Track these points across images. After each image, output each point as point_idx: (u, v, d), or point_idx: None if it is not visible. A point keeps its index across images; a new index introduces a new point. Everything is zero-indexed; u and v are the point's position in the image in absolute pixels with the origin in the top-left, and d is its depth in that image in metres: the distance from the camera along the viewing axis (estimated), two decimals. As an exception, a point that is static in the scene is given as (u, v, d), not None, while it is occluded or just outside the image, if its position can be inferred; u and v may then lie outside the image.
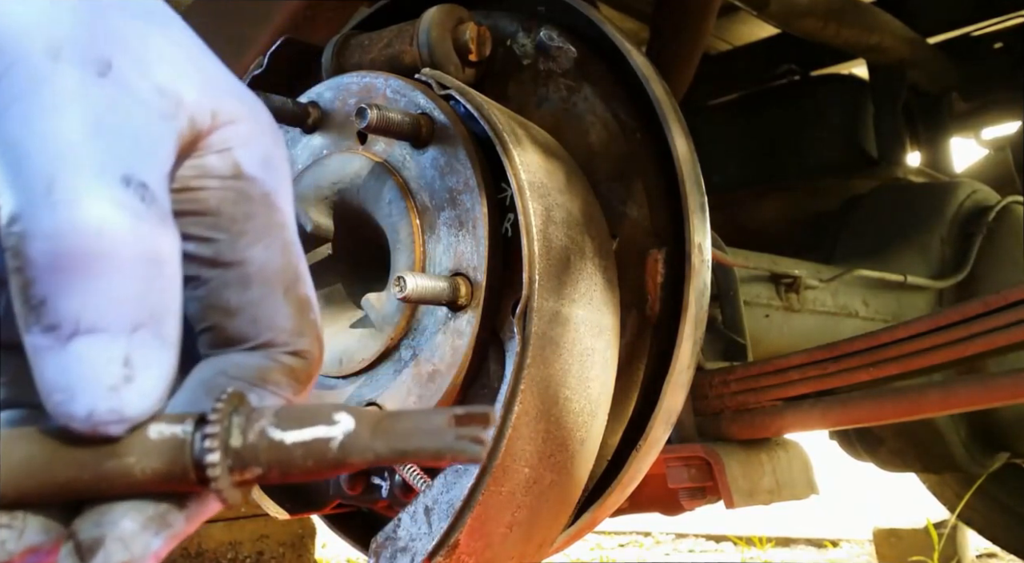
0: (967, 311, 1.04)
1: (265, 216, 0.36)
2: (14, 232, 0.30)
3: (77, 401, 0.31)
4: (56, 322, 0.30)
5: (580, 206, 0.83)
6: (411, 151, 0.84)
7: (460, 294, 0.78)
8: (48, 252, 0.30)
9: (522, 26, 0.94)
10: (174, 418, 0.32)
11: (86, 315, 0.30)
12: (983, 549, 2.77)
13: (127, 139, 0.31)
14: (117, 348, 0.31)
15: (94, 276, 0.30)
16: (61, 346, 0.30)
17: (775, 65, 2.17)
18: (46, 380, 0.31)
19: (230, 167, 0.35)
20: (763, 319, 1.47)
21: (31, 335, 0.31)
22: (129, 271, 0.31)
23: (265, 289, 0.35)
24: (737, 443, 1.15)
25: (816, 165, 2.06)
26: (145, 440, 0.32)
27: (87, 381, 0.30)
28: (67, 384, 0.30)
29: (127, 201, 0.31)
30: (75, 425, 0.31)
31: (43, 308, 0.30)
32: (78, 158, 0.30)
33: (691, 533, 3.73)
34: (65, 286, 0.30)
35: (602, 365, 0.82)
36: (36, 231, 0.30)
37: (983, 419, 1.77)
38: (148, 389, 0.32)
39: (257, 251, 0.35)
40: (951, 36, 2.11)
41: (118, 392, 0.31)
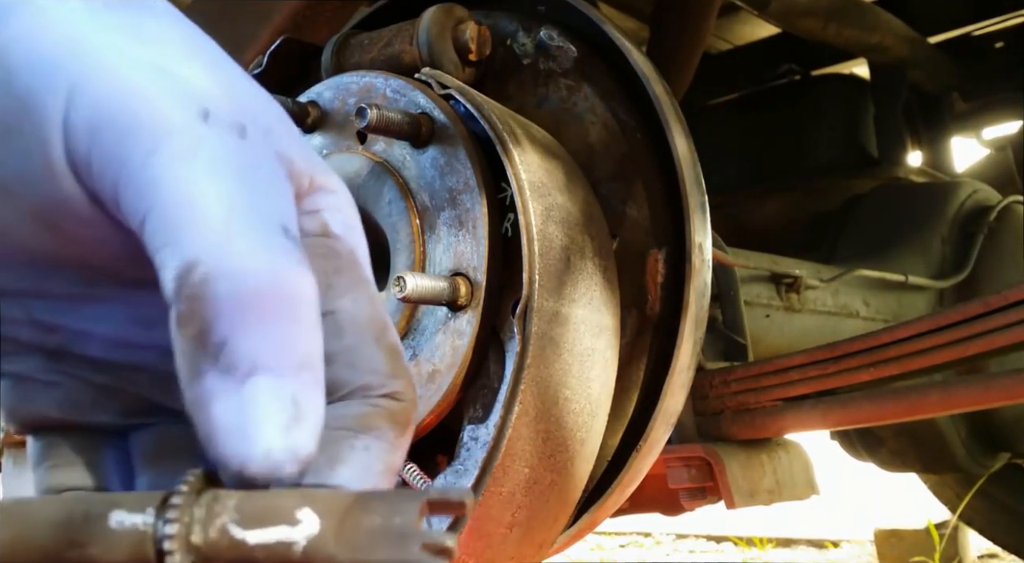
0: (968, 311, 1.04)
1: (351, 271, 0.38)
2: (194, 277, 0.31)
3: (255, 441, 0.31)
4: (234, 363, 0.31)
5: (580, 206, 0.83)
6: (411, 151, 0.84)
7: (460, 294, 0.78)
8: (233, 292, 0.31)
9: (522, 25, 0.94)
10: (135, 502, 0.32)
11: (262, 356, 0.31)
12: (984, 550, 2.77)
13: (276, 195, 0.34)
14: (287, 389, 0.32)
15: (271, 317, 0.32)
16: (237, 387, 0.31)
17: (775, 65, 2.17)
18: (217, 424, 0.31)
19: (319, 226, 0.38)
20: (764, 319, 1.47)
21: (205, 379, 0.31)
22: (297, 314, 0.32)
23: (358, 336, 0.37)
24: (737, 443, 1.15)
25: (817, 165, 2.06)
26: (106, 530, 0.31)
27: (263, 421, 0.31)
28: (243, 425, 0.31)
29: (291, 249, 0.33)
30: (252, 467, 0.31)
31: (222, 350, 0.31)
32: (246, 210, 0.32)
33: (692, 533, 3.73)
34: (245, 327, 0.31)
35: (602, 365, 0.82)
36: (222, 272, 0.31)
37: (984, 419, 1.76)
38: (313, 430, 0.32)
39: (347, 302, 0.37)
40: (952, 36, 2.11)
41: (291, 432, 0.32)
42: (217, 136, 0.33)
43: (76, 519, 0.31)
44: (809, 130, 2.09)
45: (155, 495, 0.32)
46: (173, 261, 0.31)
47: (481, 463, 0.76)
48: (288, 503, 0.31)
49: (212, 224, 0.32)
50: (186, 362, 0.32)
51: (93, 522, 0.31)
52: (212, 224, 0.32)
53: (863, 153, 2.07)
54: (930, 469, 1.91)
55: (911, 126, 2.11)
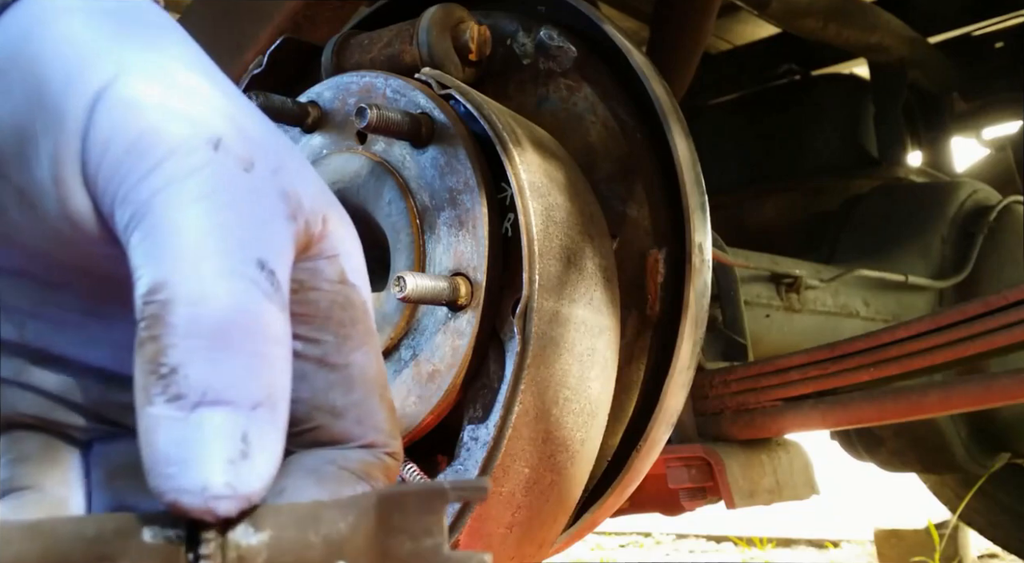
0: (968, 311, 1.04)
1: (364, 323, 0.38)
2: (157, 300, 0.31)
3: (192, 473, 0.30)
4: (183, 391, 0.31)
5: (580, 206, 0.83)
6: (411, 151, 0.84)
7: (460, 294, 0.78)
8: (191, 318, 0.31)
9: (522, 25, 0.94)
10: (166, 519, 0.31)
11: (213, 386, 0.31)
12: (984, 550, 2.77)
13: (264, 230, 0.34)
14: (238, 423, 0.31)
15: (227, 348, 0.31)
16: (183, 416, 0.30)
17: (776, 65, 2.17)
18: (158, 452, 0.31)
19: (338, 273, 0.38)
20: (764, 319, 1.47)
21: (153, 406, 0.31)
22: (257, 348, 0.32)
23: (366, 392, 0.37)
24: (737, 443, 1.15)
25: (817, 165, 2.06)
26: (139, 543, 0.30)
27: (205, 453, 0.30)
28: (183, 456, 0.30)
29: (262, 283, 0.32)
30: (185, 500, 0.30)
31: (172, 376, 0.31)
32: (225, 239, 0.32)
33: (691, 533, 3.73)
34: (199, 354, 0.31)
35: (602, 365, 0.82)
36: (183, 297, 0.31)
37: (984, 419, 1.76)
38: (261, 469, 0.32)
39: (360, 356, 0.37)
40: (952, 36, 2.11)
41: (235, 467, 0.31)
42: (221, 165, 0.33)
43: (106, 534, 0.31)
44: (809, 130, 2.09)
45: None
46: (143, 281, 0.31)
47: (481, 463, 0.76)
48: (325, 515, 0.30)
49: (185, 248, 0.31)
50: (139, 387, 0.31)
51: (124, 536, 0.31)
52: (185, 248, 0.31)
53: (863, 153, 2.07)
54: (930, 469, 1.91)
55: (911, 126, 2.11)
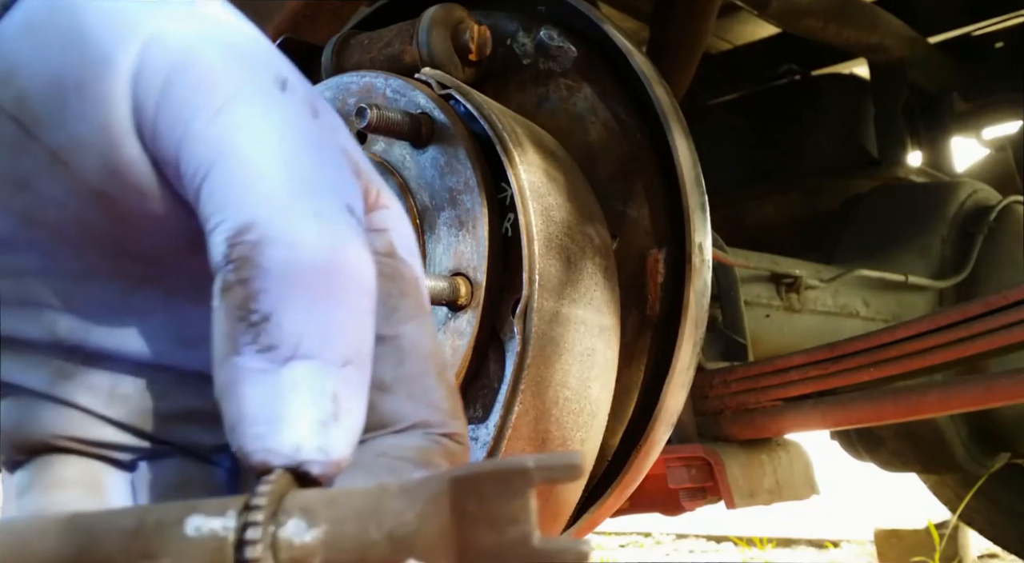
0: (968, 311, 1.04)
1: (415, 297, 0.36)
2: (246, 241, 0.28)
3: (284, 434, 0.28)
4: (276, 342, 0.28)
5: (580, 206, 0.83)
6: (411, 151, 0.84)
7: (460, 294, 0.78)
8: (286, 261, 0.28)
9: (522, 25, 0.94)
10: (214, 507, 0.29)
11: (308, 338, 0.28)
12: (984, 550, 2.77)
13: (342, 175, 0.31)
14: (329, 381, 0.28)
15: (323, 295, 0.29)
16: (275, 370, 0.28)
17: (776, 65, 2.17)
18: (246, 408, 0.28)
19: (387, 246, 0.35)
20: (764, 319, 1.47)
21: (241, 356, 0.28)
22: (353, 298, 0.29)
23: (419, 367, 0.34)
24: (737, 443, 1.15)
25: (817, 165, 2.06)
26: (182, 538, 0.28)
27: (297, 413, 0.28)
28: (274, 414, 0.28)
29: (355, 228, 0.30)
30: (276, 461, 0.28)
31: (264, 325, 0.28)
32: (314, 180, 0.30)
33: (692, 534, 3.73)
34: (294, 303, 0.28)
35: (602, 365, 0.82)
36: (277, 239, 0.28)
37: (984, 419, 1.76)
38: (350, 434, 0.29)
39: (410, 328, 0.35)
40: (952, 36, 2.10)
41: (326, 429, 0.28)
42: (293, 105, 0.31)
43: (148, 527, 0.28)
44: (809, 130, 2.09)
45: (236, 499, 0.29)
46: (227, 223, 0.29)
47: (481, 463, 0.75)
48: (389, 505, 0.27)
49: (274, 187, 0.29)
50: (223, 335, 0.29)
51: (167, 530, 0.28)
52: (274, 187, 0.29)
53: (863, 153, 2.07)
54: (930, 469, 1.91)
55: (911, 126, 2.10)
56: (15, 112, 0.31)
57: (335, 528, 0.27)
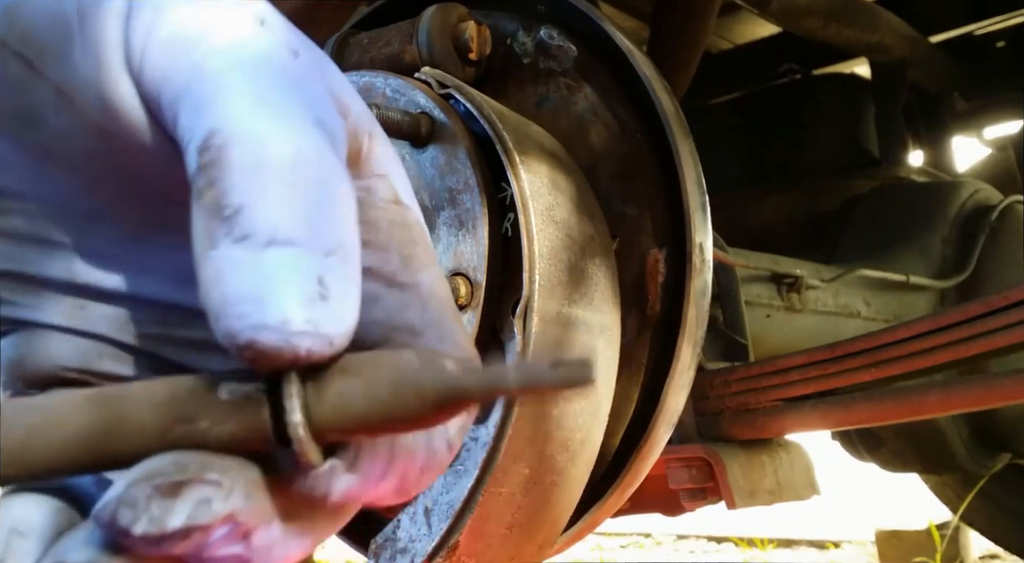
0: (969, 311, 1.04)
1: (424, 243, 0.36)
2: (212, 145, 0.29)
3: (270, 309, 0.28)
4: (252, 230, 0.29)
5: (580, 206, 0.83)
6: (411, 150, 0.84)
7: (460, 294, 0.78)
8: (253, 155, 0.29)
9: (522, 25, 0.94)
10: (244, 372, 0.29)
11: (284, 225, 0.29)
12: (986, 550, 2.76)
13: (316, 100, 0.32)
14: (312, 265, 0.29)
15: (294, 188, 0.29)
16: (255, 256, 0.28)
17: (776, 64, 2.17)
18: (228, 294, 0.28)
19: (391, 192, 0.36)
20: (764, 319, 1.46)
21: (217, 249, 0.29)
22: (323, 194, 0.30)
23: (442, 311, 0.35)
24: (738, 444, 1.15)
25: (817, 165, 2.06)
26: (216, 402, 0.29)
27: (281, 290, 0.28)
28: (258, 294, 0.28)
29: (320, 135, 0.31)
30: (263, 337, 0.28)
31: (238, 217, 0.29)
32: (282, 94, 0.31)
33: (692, 534, 3.73)
34: (266, 192, 0.29)
35: (603, 365, 0.81)
36: (241, 137, 0.29)
37: (985, 420, 1.76)
38: (341, 314, 0.29)
39: (426, 276, 0.35)
40: (953, 35, 2.10)
41: (314, 305, 0.28)
42: (269, 40, 0.32)
43: (181, 395, 0.29)
44: (809, 130, 2.08)
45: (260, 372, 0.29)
46: (196, 135, 0.30)
47: (481, 463, 0.75)
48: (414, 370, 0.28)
49: (239, 98, 0.30)
50: (201, 235, 0.29)
51: (201, 395, 0.29)
52: (239, 98, 0.30)
53: (864, 153, 2.07)
54: (931, 469, 1.91)
55: (912, 126, 2.10)
56: (20, 47, 0.32)
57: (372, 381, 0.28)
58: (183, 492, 0.27)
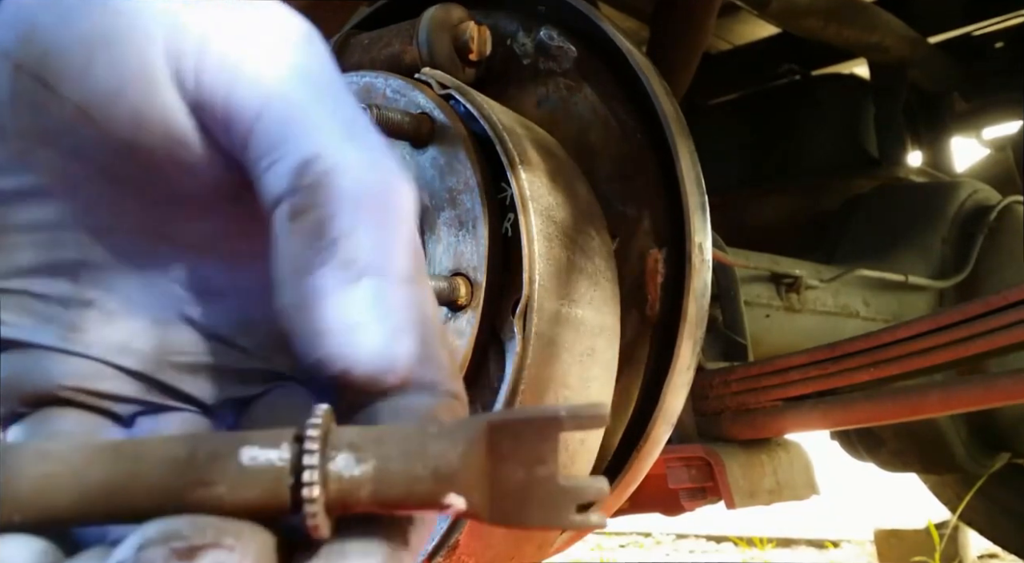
0: (968, 311, 1.04)
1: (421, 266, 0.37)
2: (316, 170, 0.31)
3: (367, 340, 0.30)
4: (351, 259, 0.30)
5: (580, 206, 0.83)
6: (411, 151, 0.84)
7: (460, 294, 0.78)
8: (356, 189, 0.31)
9: (522, 25, 0.94)
10: (266, 438, 0.29)
11: (379, 256, 0.31)
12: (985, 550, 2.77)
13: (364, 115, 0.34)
14: (397, 296, 0.31)
15: (384, 220, 0.31)
16: (350, 286, 0.30)
17: (775, 65, 2.17)
18: (328, 321, 0.30)
19: None
20: (764, 319, 1.47)
21: (317, 274, 0.30)
22: (406, 223, 0.32)
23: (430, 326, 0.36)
24: (738, 443, 1.15)
25: (817, 165, 2.06)
26: (237, 467, 0.29)
27: (373, 324, 0.30)
28: (356, 322, 0.30)
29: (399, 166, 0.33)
30: (358, 370, 0.30)
31: (339, 244, 0.30)
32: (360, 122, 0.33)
33: (691, 533, 3.73)
34: (367, 223, 0.31)
35: (602, 365, 0.82)
36: (346, 167, 0.31)
37: (984, 419, 1.76)
38: (413, 347, 0.31)
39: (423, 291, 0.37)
40: (952, 36, 2.10)
41: (397, 340, 0.30)
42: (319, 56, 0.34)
43: (201, 456, 0.29)
44: (809, 130, 2.09)
45: (285, 431, 0.29)
46: (290, 157, 0.31)
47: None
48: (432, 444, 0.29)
49: (331, 125, 0.32)
50: (295, 257, 0.30)
51: (221, 459, 0.29)
52: (331, 125, 0.32)
53: (863, 153, 2.07)
54: (930, 469, 1.91)
55: (911, 126, 2.10)
56: (38, 70, 0.33)
57: (383, 463, 0.29)
58: (199, 556, 0.28)
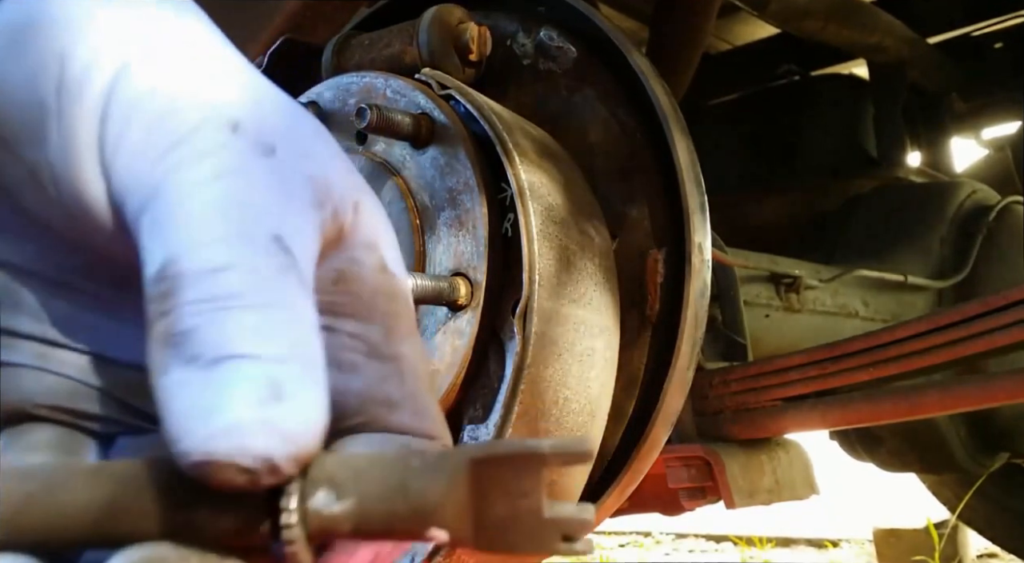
0: (967, 311, 1.04)
1: (408, 314, 0.37)
2: (168, 275, 0.29)
3: (220, 417, 0.27)
4: (199, 351, 0.28)
5: (580, 206, 0.83)
6: (411, 151, 0.84)
7: (460, 294, 0.78)
8: (201, 286, 0.29)
9: (522, 26, 0.94)
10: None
11: (231, 340, 0.29)
12: (984, 549, 2.77)
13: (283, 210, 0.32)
14: (263, 371, 0.29)
15: (242, 307, 0.29)
16: (204, 374, 0.28)
17: (775, 65, 2.17)
18: (180, 411, 0.28)
19: (378, 261, 0.36)
20: (763, 319, 1.47)
21: (167, 374, 0.29)
22: (274, 309, 0.30)
23: (419, 384, 0.36)
24: (737, 443, 1.15)
25: (816, 165, 2.06)
26: (216, 494, 0.28)
27: (230, 397, 0.28)
28: (208, 405, 0.28)
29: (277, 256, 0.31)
30: (218, 449, 0.27)
31: (186, 340, 0.29)
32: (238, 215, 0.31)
33: (691, 533, 3.73)
34: (213, 314, 0.29)
35: (602, 365, 0.82)
36: (193, 270, 0.29)
37: (983, 419, 1.77)
38: (302, 412, 0.29)
39: (407, 348, 0.36)
40: (951, 36, 2.11)
41: (268, 406, 0.28)
42: (237, 147, 0.32)
43: (183, 482, 0.29)
44: (809, 130, 2.09)
45: None
46: (151, 263, 0.30)
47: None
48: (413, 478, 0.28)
49: (194, 225, 0.30)
50: (154, 364, 0.29)
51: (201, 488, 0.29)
52: (194, 225, 0.30)
53: (863, 153, 2.07)
54: (929, 469, 1.91)
55: (911, 126, 2.10)
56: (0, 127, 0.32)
57: (363, 499, 0.29)
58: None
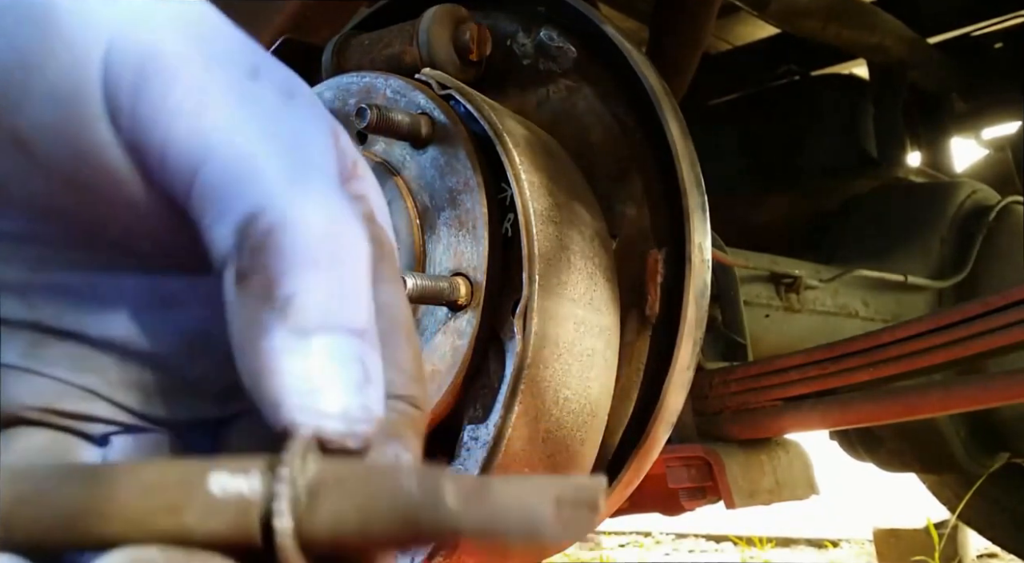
0: (967, 311, 1.04)
1: (391, 263, 0.37)
2: (257, 228, 0.29)
3: (330, 399, 0.29)
4: (304, 319, 0.29)
5: (580, 206, 0.83)
6: (411, 151, 0.84)
7: (460, 294, 0.78)
8: (299, 242, 0.29)
9: (522, 26, 0.94)
10: (236, 466, 0.29)
11: (332, 313, 0.29)
12: (984, 549, 2.77)
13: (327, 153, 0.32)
14: (355, 348, 0.30)
15: (335, 271, 0.30)
16: (306, 346, 0.29)
17: (775, 65, 2.17)
18: (287, 384, 0.29)
19: (368, 211, 0.36)
20: (763, 319, 1.47)
21: (272, 337, 0.29)
22: (358, 270, 0.31)
23: (391, 324, 0.35)
24: (737, 443, 1.15)
25: (816, 165, 2.06)
26: (206, 496, 0.28)
27: (337, 380, 0.29)
28: (315, 384, 0.29)
29: (350, 204, 0.31)
30: (329, 427, 0.29)
31: (290, 306, 0.29)
32: (305, 164, 0.31)
33: (691, 533, 3.73)
34: (315, 282, 0.29)
35: (602, 365, 0.82)
36: (288, 222, 0.29)
37: (983, 419, 1.77)
38: (380, 393, 0.30)
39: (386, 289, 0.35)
40: (951, 36, 2.11)
41: (364, 391, 0.30)
42: (269, 93, 0.32)
43: (170, 481, 0.29)
44: (809, 130, 2.09)
45: (256, 460, 0.29)
46: (231, 215, 0.29)
47: (481, 463, 0.76)
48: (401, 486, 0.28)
49: (273, 175, 0.30)
50: (248, 323, 0.29)
51: (190, 486, 0.28)
52: (273, 175, 0.30)
53: (863, 153, 2.07)
54: (929, 469, 1.91)
55: (910, 126, 2.11)
56: None
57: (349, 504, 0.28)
58: None
